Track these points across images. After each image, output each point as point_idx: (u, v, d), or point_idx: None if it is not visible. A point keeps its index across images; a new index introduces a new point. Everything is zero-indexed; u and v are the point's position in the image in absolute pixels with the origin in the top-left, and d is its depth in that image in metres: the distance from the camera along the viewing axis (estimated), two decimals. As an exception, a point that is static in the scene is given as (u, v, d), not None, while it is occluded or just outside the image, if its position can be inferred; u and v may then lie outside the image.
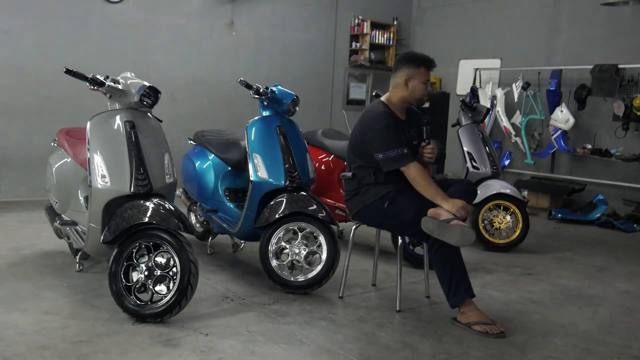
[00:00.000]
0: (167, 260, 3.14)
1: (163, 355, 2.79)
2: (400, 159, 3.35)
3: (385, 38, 9.21)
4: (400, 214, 3.37)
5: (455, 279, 3.25)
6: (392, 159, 3.36)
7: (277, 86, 4.05)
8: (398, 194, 3.41)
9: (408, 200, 3.37)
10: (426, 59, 3.49)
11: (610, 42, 7.19)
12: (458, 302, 3.27)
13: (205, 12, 7.57)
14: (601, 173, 7.25)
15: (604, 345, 3.17)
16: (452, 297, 3.27)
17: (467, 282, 3.28)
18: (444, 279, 3.28)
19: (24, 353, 2.74)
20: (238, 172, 4.50)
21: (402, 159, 3.34)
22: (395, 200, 3.40)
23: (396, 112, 3.52)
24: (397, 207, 3.39)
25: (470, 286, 3.29)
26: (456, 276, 3.25)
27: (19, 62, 6.33)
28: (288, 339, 3.05)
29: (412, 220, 3.32)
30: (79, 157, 3.90)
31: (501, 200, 5.19)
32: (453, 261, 3.25)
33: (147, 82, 3.30)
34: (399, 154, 3.35)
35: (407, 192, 3.41)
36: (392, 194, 3.42)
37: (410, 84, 3.46)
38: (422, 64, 3.47)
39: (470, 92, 7.59)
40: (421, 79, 3.46)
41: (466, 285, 3.27)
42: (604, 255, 5.27)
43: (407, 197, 3.38)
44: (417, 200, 3.34)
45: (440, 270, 3.29)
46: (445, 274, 3.27)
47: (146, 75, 3.68)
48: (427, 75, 3.49)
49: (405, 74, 3.46)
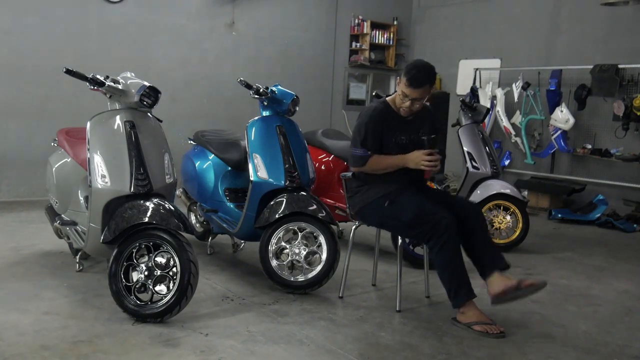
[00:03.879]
0: (167, 260, 3.14)
1: (163, 355, 2.79)
2: (360, 160, 3.46)
3: (385, 38, 9.21)
4: (400, 214, 3.37)
5: (456, 280, 3.25)
6: (355, 157, 3.48)
7: (277, 86, 4.05)
8: (399, 193, 3.41)
9: (408, 201, 3.37)
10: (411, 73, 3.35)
11: (610, 42, 7.19)
12: (459, 304, 3.27)
13: (205, 12, 7.57)
14: (601, 173, 7.25)
15: (604, 345, 3.17)
16: (453, 298, 3.28)
17: (468, 284, 3.27)
18: (445, 280, 3.29)
19: (24, 353, 2.74)
20: (238, 172, 4.50)
21: (359, 160, 3.46)
22: (396, 200, 3.40)
23: (399, 110, 3.52)
24: (397, 207, 3.39)
25: (470, 287, 3.28)
26: (457, 278, 3.24)
27: (19, 62, 6.33)
28: (288, 339, 3.05)
29: (410, 221, 3.32)
30: (79, 157, 3.90)
31: (501, 200, 5.19)
32: (455, 263, 3.24)
33: (147, 82, 3.30)
34: (360, 155, 3.45)
35: (408, 192, 3.41)
36: (393, 193, 3.42)
37: (399, 89, 3.46)
38: (405, 74, 3.38)
39: (470, 92, 7.62)
40: (402, 87, 3.41)
41: (467, 286, 3.26)
42: (604, 255, 5.27)
43: (407, 197, 3.39)
44: (416, 201, 3.34)
45: (441, 272, 3.29)
46: (446, 275, 3.27)
47: (146, 75, 3.68)
48: (407, 88, 3.36)
49: (399, 79, 3.48)
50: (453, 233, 3.22)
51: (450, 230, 3.21)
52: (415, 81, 3.35)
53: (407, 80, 3.36)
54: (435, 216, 3.24)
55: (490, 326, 3.19)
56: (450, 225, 3.22)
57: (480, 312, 3.26)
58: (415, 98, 3.39)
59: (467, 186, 5.29)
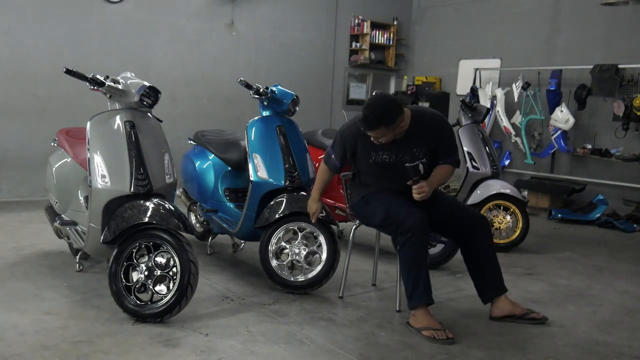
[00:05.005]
0: (167, 260, 3.14)
1: (163, 355, 2.79)
2: (326, 157, 3.58)
3: (385, 38, 9.21)
4: (372, 214, 3.42)
5: (413, 281, 3.18)
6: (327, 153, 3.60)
7: (277, 86, 4.05)
8: (373, 195, 3.44)
9: (379, 202, 3.38)
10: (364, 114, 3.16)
11: (610, 42, 7.19)
12: (412, 305, 3.20)
13: (205, 12, 7.57)
14: (601, 173, 7.25)
15: (604, 345, 3.17)
16: (408, 298, 3.22)
17: (426, 288, 3.18)
18: (404, 278, 3.24)
19: (24, 353, 2.74)
20: (238, 172, 4.50)
21: (326, 157, 3.57)
22: (369, 201, 3.45)
23: None
24: (369, 208, 3.44)
25: (428, 293, 3.19)
26: (415, 279, 3.18)
27: (19, 62, 6.33)
28: (288, 339, 3.05)
29: (381, 221, 3.36)
30: (79, 157, 3.90)
31: (501, 200, 5.19)
32: (415, 264, 3.18)
33: (147, 82, 3.30)
34: (329, 155, 3.56)
35: (381, 194, 3.41)
36: (369, 195, 3.46)
37: None
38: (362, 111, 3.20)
39: (470, 92, 7.63)
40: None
41: (423, 290, 3.17)
42: (604, 255, 5.27)
43: (379, 199, 3.40)
44: (386, 202, 3.35)
45: (401, 270, 3.26)
46: (405, 274, 3.22)
47: (146, 75, 3.68)
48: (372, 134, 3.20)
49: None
50: (418, 233, 3.15)
51: (414, 230, 3.14)
52: (367, 124, 3.17)
53: (361, 120, 3.21)
54: (401, 215, 3.21)
55: (438, 332, 3.09)
56: (415, 224, 3.14)
57: (431, 317, 3.18)
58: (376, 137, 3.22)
59: (467, 186, 5.28)
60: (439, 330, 3.11)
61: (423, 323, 3.16)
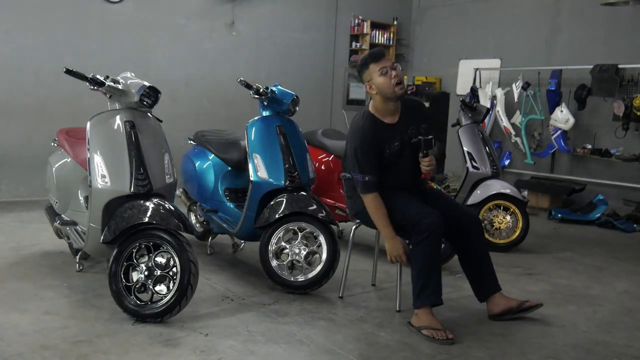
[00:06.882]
0: (167, 260, 3.14)
1: (163, 355, 2.79)
2: (361, 187, 3.40)
3: (385, 38, 9.21)
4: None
5: (423, 280, 3.19)
6: (357, 182, 3.42)
7: (277, 86, 4.05)
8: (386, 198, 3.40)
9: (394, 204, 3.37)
10: (370, 54, 3.42)
11: (610, 42, 7.19)
12: (418, 305, 3.20)
13: (205, 12, 7.57)
14: (601, 173, 7.25)
15: (604, 345, 3.17)
16: (415, 298, 3.22)
17: (436, 289, 3.19)
18: (414, 277, 3.24)
19: (24, 353, 2.74)
20: (238, 172, 4.50)
21: (362, 187, 3.39)
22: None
23: (384, 116, 3.43)
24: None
25: (438, 294, 3.20)
26: (425, 278, 3.18)
27: (19, 62, 6.33)
28: (288, 339, 3.05)
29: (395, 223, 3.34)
30: (79, 157, 3.90)
31: (501, 200, 5.19)
32: (427, 263, 3.18)
33: (147, 82, 3.30)
34: (362, 182, 3.38)
35: (395, 195, 3.40)
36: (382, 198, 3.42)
37: (373, 86, 3.37)
38: (368, 62, 3.38)
39: (470, 92, 7.62)
40: (377, 73, 3.34)
41: (432, 291, 3.18)
42: (604, 255, 5.27)
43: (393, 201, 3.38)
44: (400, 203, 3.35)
45: (413, 268, 3.24)
46: (416, 272, 3.21)
47: (146, 75, 3.68)
48: (381, 65, 3.34)
49: (365, 80, 3.42)
50: (434, 233, 3.16)
51: (431, 230, 3.15)
52: (375, 55, 3.38)
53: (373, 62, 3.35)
54: (419, 215, 3.22)
55: (438, 332, 3.10)
56: (432, 224, 3.16)
57: (433, 317, 3.18)
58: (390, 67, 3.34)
59: (467, 186, 5.29)
60: (439, 330, 3.11)
61: (424, 322, 3.16)
